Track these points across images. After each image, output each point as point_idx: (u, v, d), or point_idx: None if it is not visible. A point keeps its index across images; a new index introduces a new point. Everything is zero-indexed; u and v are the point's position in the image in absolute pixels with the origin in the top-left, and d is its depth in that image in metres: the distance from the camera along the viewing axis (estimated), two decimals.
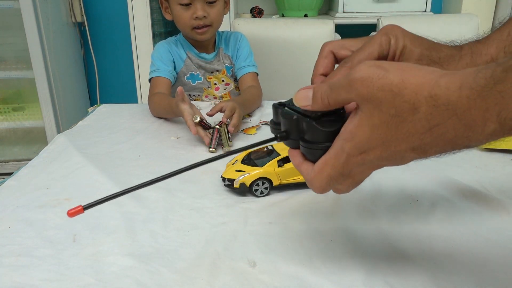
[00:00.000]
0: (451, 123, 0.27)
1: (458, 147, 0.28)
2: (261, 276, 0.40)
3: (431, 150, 0.29)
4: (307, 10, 1.91)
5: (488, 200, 0.53)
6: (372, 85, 0.28)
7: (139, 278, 0.40)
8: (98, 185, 0.60)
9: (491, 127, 0.26)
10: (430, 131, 0.27)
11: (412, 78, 0.28)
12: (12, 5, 1.68)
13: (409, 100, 0.27)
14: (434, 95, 0.27)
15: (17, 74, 1.80)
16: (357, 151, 0.30)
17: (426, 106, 0.27)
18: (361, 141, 0.30)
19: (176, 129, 0.86)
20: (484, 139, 0.27)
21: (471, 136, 0.27)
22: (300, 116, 0.34)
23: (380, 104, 0.28)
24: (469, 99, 0.26)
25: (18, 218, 0.51)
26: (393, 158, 0.30)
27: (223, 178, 0.57)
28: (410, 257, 0.43)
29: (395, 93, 0.28)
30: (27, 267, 0.42)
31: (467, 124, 0.26)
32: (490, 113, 0.25)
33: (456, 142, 0.28)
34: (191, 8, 1.00)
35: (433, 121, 0.27)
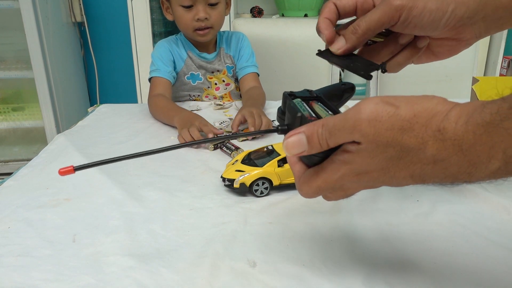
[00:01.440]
0: (455, 159, 0.26)
1: (458, 181, 0.28)
2: (261, 276, 0.40)
3: (429, 180, 0.29)
4: (307, 10, 1.91)
5: (489, 200, 0.53)
6: (380, 126, 0.27)
7: (139, 278, 0.40)
8: (98, 185, 0.60)
9: (495, 164, 0.26)
10: (433, 163, 0.27)
11: (423, 112, 0.27)
12: (12, 5, 1.68)
13: (418, 134, 0.27)
14: (442, 129, 0.26)
15: (16, 74, 1.80)
16: (353, 173, 0.30)
17: (433, 140, 0.27)
18: (359, 166, 0.30)
19: (176, 129, 0.86)
20: (486, 177, 0.27)
21: (474, 172, 0.27)
22: (304, 116, 0.33)
23: (386, 144, 0.28)
24: (475, 135, 0.26)
25: (18, 218, 0.51)
26: (388, 182, 0.30)
27: (223, 178, 0.57)
28: (410, 257, 0.43)
29: (405, 129, 0.27)
30: (27, 267, 0.42)
31: (471, 161, 0.26)
32: (496, 150, 0.25)
33: (457, 177, 0.27)
34: (192, 10, 1.00)
35: (439, 155, 0.27)
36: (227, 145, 0.72)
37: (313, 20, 1.60)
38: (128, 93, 2.17)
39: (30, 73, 1.76)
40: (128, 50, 1.91)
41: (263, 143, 0.64)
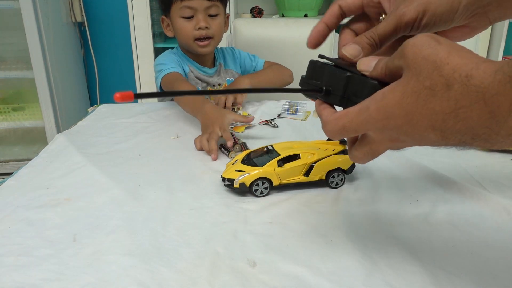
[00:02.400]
0: (477, 107, 0.26)
1: (478, 139, 0.27)
2: (261, 276, 0.40)
3: (450, 136, 0.28)
4: (307, 10, 1.91)
5: (489, 200, 0.53)
6: (419, 52, 0.28)
7: (139, 278, 0.40)
8: (98, 184, 0.60)
9: (510, 119, 0.25)
10: (454, 112, 0.27)
11: (457, 56, 0.27)
12: (12, 5, 1.68)
13: (446, 75, 0.27)
14: (469, 76, 0.26)
15: (17, 74, 1.80)
16: (380, 114, 0.30)
17: (459, 84, 0.26)
18: (388, 105, 0.30)
19: (176, 129, 0.86)
20: (505, 136, 0.26)
21: (493, 127, 0.26)
22: (354, 74, 0.34)
23: (419, 73, 0.28)
24: (499, 84, 0.25)
25: (18, 218, 0.51)
26: (412, 133, 0.30)
27: (223, 178, 0.57)
28: (410, 257, 0.43)
29: (436, 65, 0.27)
30: (27, 266, 0.42)
31: (491, 112, 0.25)
32: None
33: (476, 132, 0.27)
34: (193, 20, 1.01)
35: (462, 101, 0.26)
36: (224, 146, 0.72)
37: (313, 20, 1.60)
38: None
39: (30, 73, 1.76)
40: (128, 50, 1.92)
41: (263, 143, 0.64)
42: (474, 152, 0.70)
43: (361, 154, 0.35)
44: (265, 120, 0.90)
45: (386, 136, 0.32)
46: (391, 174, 0.62)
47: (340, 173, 0.58)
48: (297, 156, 0.57)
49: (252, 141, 0.78)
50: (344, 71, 0.35)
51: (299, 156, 0.57)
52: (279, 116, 0.94)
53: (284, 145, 0.60)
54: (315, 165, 0.57)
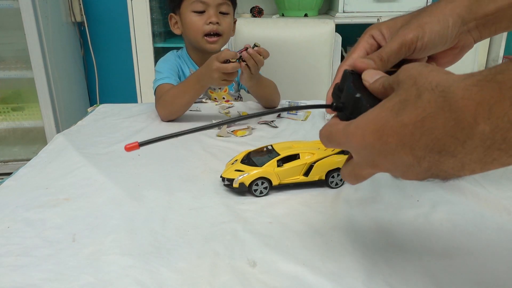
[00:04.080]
0: (442, 115, 0.25)
1: (445, 154, 0.25)
2: (261, 276, 0.40)
3: (420, 153, 0.27)
4: (307, 10, 1.91)
5: (489, 200, 0.53)
6: (407, 71, 0.29)
7: (138, 278, 0.40)
8: (98, 184, 0.60)
9: (480, 126, 0.23)
10: (421, 121, 0.26)
11: (437, 72, 0.27)
12: (12, 4, 1.68)
13: (419, 86, 0.27)
14: (439, 84, 0.26)
15: (16, 74, 1.80)
16: (358, 130, 0.30)
17: (427, 92, 0.26)
18: (366, 120, 0.30)
19: (175, 129, 0.86)
20: (471, 148, 0.24)
21: (458, 136, 0.24)
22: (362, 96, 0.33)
23: (400, 88, 0.28)
24: (465, 88, 0.24)
25: (18, 218, 0.51)
26: (385, 153, 0.29)
27: (223, 177, 0.57)
28: (410, 257, 0.43)
29: (415, 80, 0.27)
30: (27, 266, 0.42)
31: (456, 118, 0.24)
32: (483, 107, 0.23)
33: (443, 144, 0.25)
34: (204, 16, 1.01)
35: (428, 109, 0.25)
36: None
37: (313, 20, 1.60)
38: (128, 93, 2.17)
39: (29, 73, 1.75)
40: (128, 50, 1.91)
41: (262, 143, 0.64)
42: None
43: (346, 173, 0.35)
44: (263, 121, 0.90)
45: (364, 158, 0.31)
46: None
47: (340, 173, 0.58)
48: (296, 156, 0.57)
49: (252, 141, 0.78)
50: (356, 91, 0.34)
51: (299, 156, 0.57)
52: (279, 116, 0.94)
53: (283, 145, 0.60)
54: (315, 165, 0.57)
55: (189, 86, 0.90)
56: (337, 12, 1.86)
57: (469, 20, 0.39)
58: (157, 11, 1.90)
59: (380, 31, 0.41)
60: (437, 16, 0.39)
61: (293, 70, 1.31)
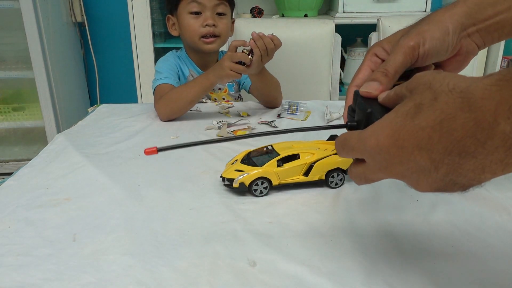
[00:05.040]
0: (461, 115, 0.24)
1: (466, 156, 0.25)
2: (261, 276, 0.40)
3: (437, 157, 0.26)
4: (307, 10, 1.91)
5: (489, 200, 0.53)
6: (421, 78, 0.28)
7: (139, 277, 0.40)
8: (98, 184, 0.60)
9: (501, 125, 0.23)
10: (439, 124, 0.25)
11: (451, 76, 0.27)
12: (12, 5, 1.68)
13: (435, 89, 0.26)
14: (457, 85, 0.25)
15: (17, 74, 1.80)
16: (373, 136, 0.30)
17: (444, 94, 0.25)
18: (380, 126, 0.29)
19: (175, 129, 0.86)
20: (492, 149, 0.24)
21: (479, 136, 0.24)
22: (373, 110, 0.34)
23: (414, 93, 0.28)
24: (484, 88, 0.24)
25: (18, 217, 0.51)
26: (400, 158, 0.28)
27: (223, 177, 0.57)
28: (410, 257, 0.43)
29: (430, 84, 0.27)
30: (27, 266, 0.42)
31: (476, 118, 0.24)
32: (503, 107, 0.22)
33: (463, 145, 0.24)
34: (200, 17, 1.01)
35: (446, 110, 0.25)
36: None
37: (313, 20, 1.60)
38: (128, 93, 2.17)
39: (30, 73, 1.76)
40: (128, 50, 1.91)
41: (262, 143, 0.64)
42: None
43: (356, 174, 0.35)
44: (263, 120, 0.90)
45: (378, 163, 0.30)
46: None
47: (340, 173, 0.58)
48: (296, 156, 0.57)
49: (252, 141, 0.78)
50: (367, 106, 0.35)
51: (299, 156, 0.57)
52: (279, 116, 0.94)
53: (283, 145, 0.60)
54: (315, 165, 0.57)
55: (197, 82, 0.91)
56: (337, 12, 1.87)
57: (468, 25, 0.39)
58: (157, 11, 1.90)
59: (382, 47, 0.42)
60: (436, 23, 0.39)
61: (293, 70, 1.31)
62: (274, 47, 0.89)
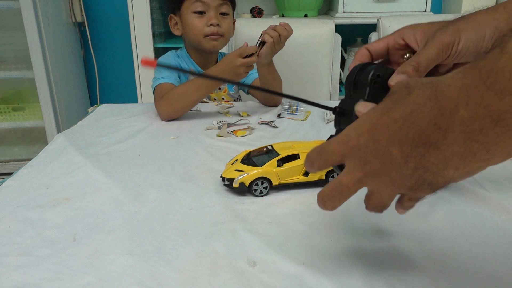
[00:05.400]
0: (428, 105, 0.25)
1: (430, 148, 0.25)
2: (261, 276, 0.40)
3: (407, 149, 0.27)
4: (307, 10, 1.91)
5: (488, 200, 0.53)
6: (400, 83, 0.29)
7: (139, 277, 0.40)
8: (98, 184, 0.60)
9: (460, 112, 0.23)
10: (409, 115, 0.26)
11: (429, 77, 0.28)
12: (12, 5, 1.68)
13: (410, 87, 0.27)
14: (430, 79, 0.26)
15: (17, 74, 1.80)
16: (352, 132, 0.30)
17: (418, 88, 0.27)
18: (359, 122, 0.30)
19: (175, 129, 0.86)
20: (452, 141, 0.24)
21: (440, 124, 0.24)
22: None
23: (393, 93, 0.29)
24: (452, 76, 0.25)
25: (18, 217, 0.51)
26: (376, 152, 0.29)
27: (223, 177, 0.57)
28: (410, 257, 0.43)
29: (406, 83, 0.28)
30: (27, 266, 0.42)
31: (440, 106, 0.24)
32: (463, 93, 0.23)
33: (428, 135, 0.25)
34: (204, 17, 1.01)
35: (417, 101, 0.26)
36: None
37: (313, 20, 1.60)
38: (128, 93, 2.17)
39: (30, 73, 1.76)
40: (128, 50, 1.91)
41: (262, 143, 0.64)
42: None
43: (328, 189, 0.33)
44: (264, 120, 0.90)
45: (357, 160, 0.30)
46: None
47: (340, 173, 0.58)
48: (296, 156, 0.57)
49: (252, 141, 0.78)
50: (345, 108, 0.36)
51: (299, 156, 0.57)
52: (279, 116, 0.94)
53: (283, 145, 0.60)
54: None
55: (202, 84, 0.91)
56: (336, 12, 1.87)
57: (506, 31, 0.38)
58: (157, 11, 1.90)
59: (414, 34, 0.41)
60: (474, 25, 0.38)
61: (293, 70, 1.31)
62: (287, 34, 0.91)
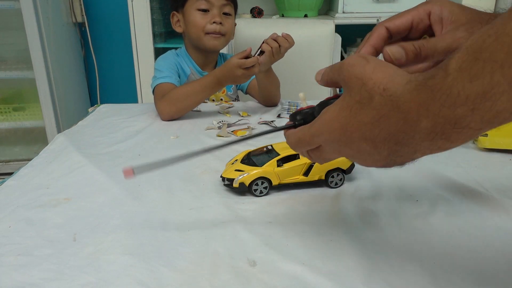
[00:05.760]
0: (393, 115, 0.29)
1: (401, 144, 0.30)
2: (261, 276, 0.40)
3: (380, 144, 0.31)
4: (307, 10, 1.91)
5: (488, 200, 0.53)
6: (352, 71, 0.32)
7: (139, 277, 0.40)
8: (98, 184, 0.60)
9: (424, 123, 0.27)
10: (377, 121, 0.30)
11: (380, 72, 0.30)
12: (13, 5, 1.68)
13: (370, 89, 0.30)
14: (386, 88, 0.29)
15: (17, 74, 1.80)
16: (323, 127, 0.34)
17: (379, 96, 0.30)
18: (327, 119, 0.34)
19: (175, 129, 0.86)
20: (422, 139, 0.28)
21: (408, 131, 0.28)
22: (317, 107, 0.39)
23: (352, 89, 0.32)
24: (409, 92, 0.28)
25: (18, 217, 0.51)
26: (350, 145, 0.33)
27: (223, 177, 0.57)
28: (410, 257, 0.43)
29: (363, 82, 0.31)
30: (28, 266, 0.42)
31: (404, 118, 0.28)
32: (424, 108, 0.27)
33: (397, 137, 0.29)
34: (208, 15, 1.02)
35: (381, 111, 0.29)
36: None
37: (313, 20, 1.60)
38: (129, 93, 2.17)
39: (30, 73, 1.76)
40: (128, 50, 1.91)
41: (262, 143, 0.64)
42: (474, 152, 0.71)
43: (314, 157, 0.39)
44: (263, 120, 0.90)
45: (331, 149, 0.35)
46: (391, 174, 0.62)
47: (340, 173, 0.58)
48: (296, 156, 0.58)
49: (252, 141, 0.78)
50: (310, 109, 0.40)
51: (299, 156, 0.57)
52: (279, 116, 0.94)
53: (283, 145, 0.60)
54: (315, 164, 0.57)
55: (206, 85, 0.91)
56: (336, 12, 1.86)
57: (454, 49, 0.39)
58: (157, 11, 1.90)
59: (441, 12, 0.38)
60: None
61: (293, 70, 1.31)
62: (288, 46, 0.90)
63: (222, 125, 0.87)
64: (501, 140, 0.70)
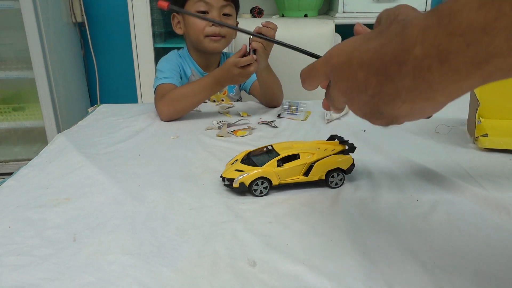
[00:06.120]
0: (395, 40, 0.28)
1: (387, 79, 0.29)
2: (261, 276, 0.40)
3: (371, 76, 0.30)
4: (307, 10, 1.91)
5: (488, 200, 0.53)
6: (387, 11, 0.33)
7: (139, 277, 0.40)
8: (98, 184, 0.60)
9: (416, 49, 0.27)
10: (381, 48, 0.29)
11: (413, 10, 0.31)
12: (13, 5, 1.68)
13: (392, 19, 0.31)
14: (406, 17, 0.29)
15: (17, 74, 1.80)
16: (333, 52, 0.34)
17: (396, 23, 0.29)
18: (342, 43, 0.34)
19: (175, 129, 0.86)
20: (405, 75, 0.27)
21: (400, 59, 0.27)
22: None
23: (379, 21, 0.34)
24: (418, 17, 0.27)
25: (18, 217, 0.51)
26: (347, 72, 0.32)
27: (223, 177, 0.57)
28: (410, 257, 0.43)
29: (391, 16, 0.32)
30: (27, 266, 0.42)
31: (402, 42, 0.27)
32: (422, 32, 0.26)
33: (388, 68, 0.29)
34: (207, 17, 1.01)
35: (388, 37, 0.29)
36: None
37: (313, 20, 1.60)
38: (128, 93, 2.17)
39: (30, 73, 1.76)
40: (128, 50, 1.92)
41: (262, 143, 0.64)
42: (474, 152, 0.70)
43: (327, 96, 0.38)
44: (264, 120, 0.90)
45: (334, 79, 0.34)
46: (391, 174, 0.62)
47: (340, 173, 0.58)
48: (296, 156, 0.58)
49: (252, 141, 0.78)
50: None
51: (299, 156, 0.57)
52: (279, 116, 0.94)
53: (283, 145, 0.60)
54: (315, 165, 0.57)
55: (205, 86, 0.91)
56: (336, 12, 1.87)
57: None
58: (157, 11, 1.90)
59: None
60: None
61: (293, 71, 1.30)
62: (273, 33, 0.89)
63: (222, 125, 0.87)
64: (501, 140, 0.70)
